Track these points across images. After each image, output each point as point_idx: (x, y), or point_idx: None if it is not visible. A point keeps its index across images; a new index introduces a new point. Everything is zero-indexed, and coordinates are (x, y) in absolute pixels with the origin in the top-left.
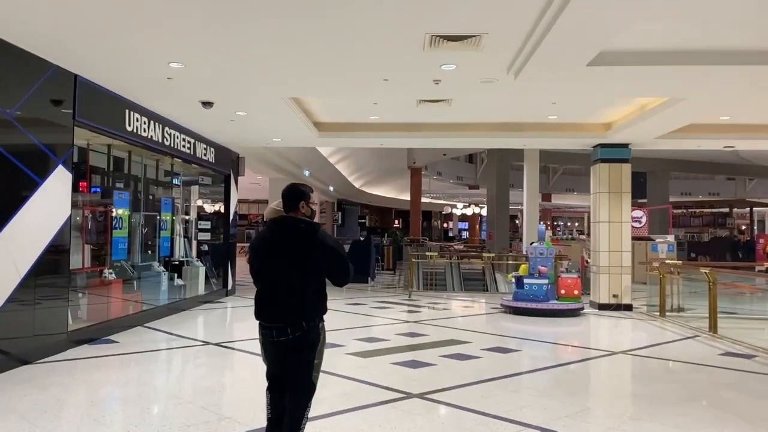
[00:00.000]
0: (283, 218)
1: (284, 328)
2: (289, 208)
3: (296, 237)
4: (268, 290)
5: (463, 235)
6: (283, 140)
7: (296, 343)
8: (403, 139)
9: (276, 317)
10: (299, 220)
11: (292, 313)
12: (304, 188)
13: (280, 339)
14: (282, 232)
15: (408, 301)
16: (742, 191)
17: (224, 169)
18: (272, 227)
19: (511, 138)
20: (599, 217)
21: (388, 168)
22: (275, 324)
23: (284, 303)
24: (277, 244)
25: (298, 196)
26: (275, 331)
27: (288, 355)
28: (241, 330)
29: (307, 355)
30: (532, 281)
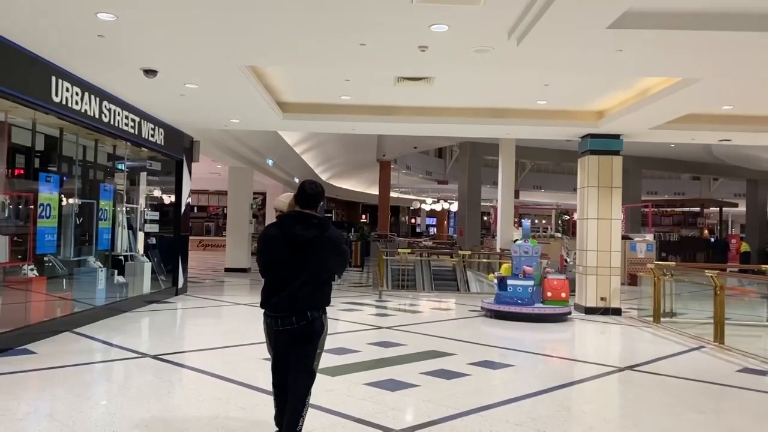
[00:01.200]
0: (300, 213)
1: (289, 317)
2: (309, 206)
3: (311, 232)
4: (278, 281)
5: (431, 231)
6: (243, 122)
7: (301, 333)
8: (378, 124)
9: (283, 307)
10: (313, 216)
11: (299, 303)
12: (322, 189)
13: (284, 328)
14: (298, 226)
15: (378, 302)
16: (707, 191)
17: (176, 153)
18: (287, 221)
19: (494, 125)
20: (587, 214)
21: (356, 160)
22: (281, 313)
23: (292, 294)
24: (292, 237)
25: (319, 197)
26: (280, 320)
27: (292, 343)
28: (190, 338)
29: (310, 345)
30: (516, 282)
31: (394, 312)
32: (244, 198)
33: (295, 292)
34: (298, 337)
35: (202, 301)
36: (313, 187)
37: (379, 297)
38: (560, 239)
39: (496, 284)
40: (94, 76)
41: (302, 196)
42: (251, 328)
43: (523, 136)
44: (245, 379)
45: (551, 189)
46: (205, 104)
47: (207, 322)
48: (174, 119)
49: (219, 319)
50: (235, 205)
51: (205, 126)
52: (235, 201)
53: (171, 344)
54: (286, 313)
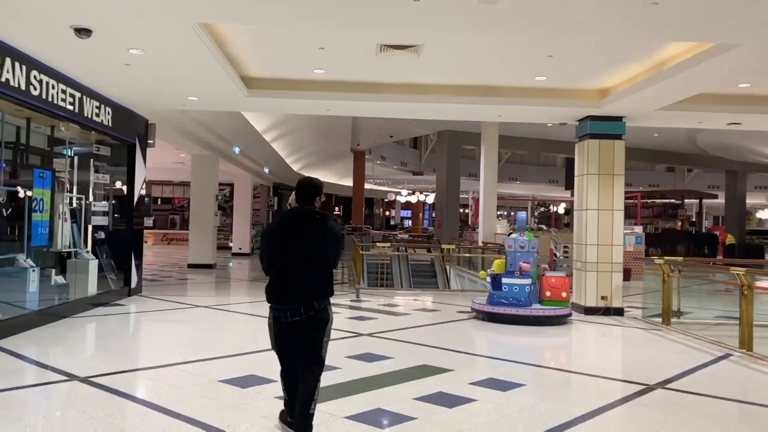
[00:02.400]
0: (301, 209)
1: (297, 309)
2: (306, 201)
3: (313, 226)
4: (285, 274)
5: (405, 224)
6: (202, 100)
7: (309, 323)
8: (356, 103)
9: (291, 299)
10: (314, 211)
11: (307, 294)
12: (320, 183)
13: (293, 319)
14: (301, 222)
15: (356, 303)
16: (681, 183)
17: (127, 137)
18: (291, 217)
19: (485, 105)
20: (586, 204)
21: (330, 150)
22: (289, 306)
23: (300, 285)
24: (295, 232)
25: (315, 191)
26: (289, 312)
27: (300, 334)
28: (134, 352)
29: (318, 334)
30: (511, 281)
31: (374, 314)
32: (208, 188)
33: (302, 284)
34: (306, 327)
35: (158, 302)
36: (309, 182)
37: (356, 296)
38: (548, 232)
39: (488, 283)
40: (15, 38)
41: (299, 192)
42: (213, 336)
43: (515, 119)
44: (201, 413)
45: (527, 181)
46: (155, 77)
47: (159, 330)
48: (122, 96)
49: (175, 325)
50: (199, 196)
51: (159, 105)
52: (199, 191)
53: (108, 361)
54: (295, 305)
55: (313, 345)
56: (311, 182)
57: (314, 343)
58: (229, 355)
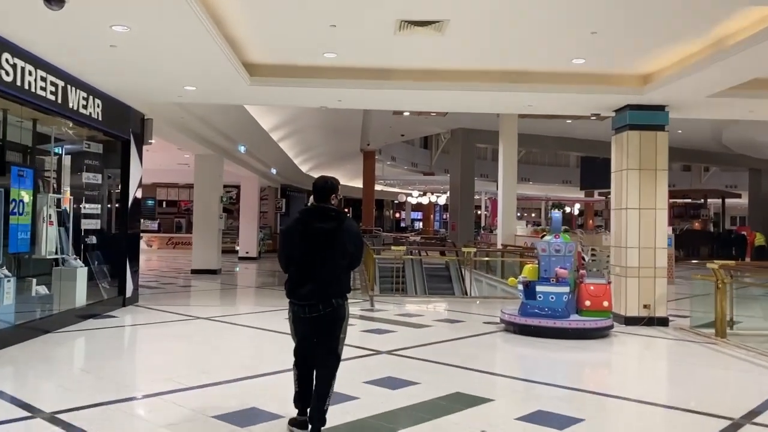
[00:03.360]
0: (317, 207)
1: (316, 305)
2: (321, 199)
3: (329, 224)
4: (303, 271)
5: (416, 226)
6: (200, 90)
7: (327, 319)
8: (370, 92)
9: (310, 295)
10: (330, 209)
11: (325, 291)
12: (335, 182)
13: (312, 315)
14: (317, 220)
15: (370, 312)
16: (698, 182)
17: (120, 132)
18: (307, 215)
19: (514, 93)
20: (626, 203)
21: (339, 150)
22: (308, 302)
23: (318, 282)
24: (312, 229)
25: (330, 189)
26: (308, 308)
27: (318, 329)
28: (120, 376)
29: (335, 330)
30: (547, 289)
31: (391, 326)
32: (213, 190)
33: (320, 281)
34: (324, 323)
35: (155, 314)
36: (324, 181)
37: (370, 304)
38: (574, 233)
39: (521, 291)
40: None
41: (315, 190)
42: (213, 356)
43: (546, 110)
44: None
45: (540, 181)
46: (145, 61)
47: (152, 348)
48: (112, 86)
49: (170, 341)
50: (203, 198)
51: (154, 98)
52: (203, 193)
53: (86, 389)
54: (314, 301)
55: (331, 341)
56: (326, 180)
57: (331, 340)
58: (229, 380)
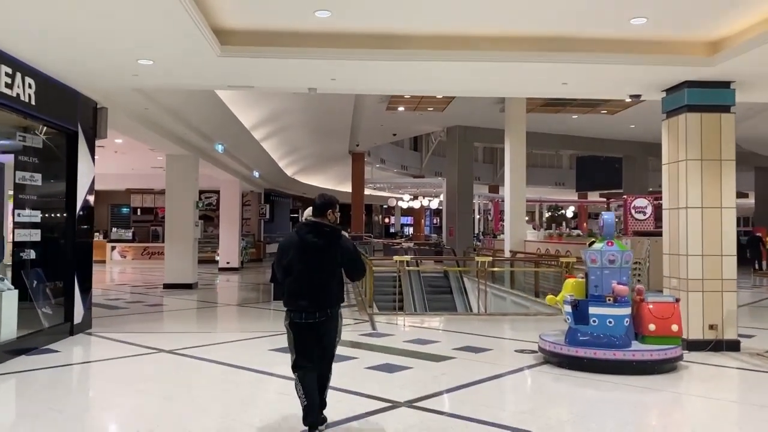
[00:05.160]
0: (314, 223)
1: (313, 313)
2: (319, 214)
3: (323, 239)
4: (301, 282)
5: (406, 231)
6: (159, 65)
7: (323, 325)
8: (373, 65)
9: (307, 305)
10: (325, 225)
11: (320, 300)
12: (333, 199)
13: (308, 321)
14: (314, 235)
15: (375, 339)
16: None
17: (64, 123)
18: (305, 230)
19: (551, 64)
20: (685, 201)
21: (326, 152)
22: (305, 310)
23: (314, 292)
24: (309, 244)
25: (327, 205)
26: (304, 314)
27: (314, 335)
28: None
29: (330, 336)
30: (604, 311)
31: (403, 359)
32: (187, 194)
33: (314, 292)
34: (320, 329)
35: (108, 345)
36: (322, 198)
37: (371, 327)
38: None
39: (568, 313)
40: None
41: (314, 206)
42: (172, 413)
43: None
44: None
45: (532, 183)
46: (85, 23)
47: (91, 401)
48: (48, 61)
49: (120, 387)
50: (176, 203)
51: (103, 76)
52: (176, 198)
53: None
54: (311, 309)
55: (329, 345)
56: (323, 197)
57: (329, 344)
58: None
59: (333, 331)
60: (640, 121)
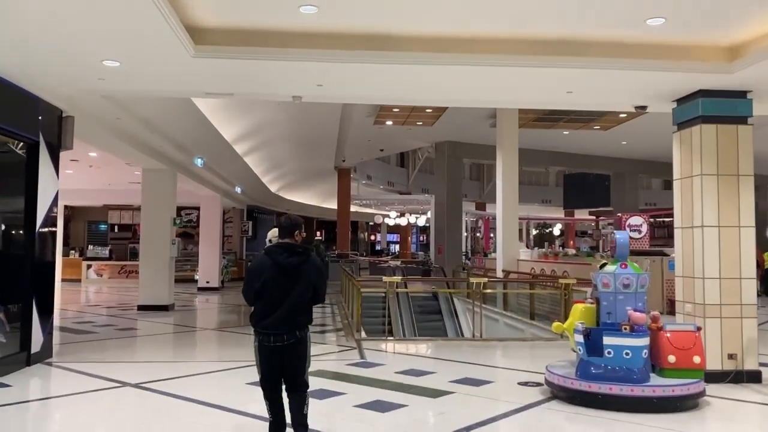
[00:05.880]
0: (285, 244)
1: (281, 335)
2: (286, 236)
3: (296, 259)
4: (270, 303)
5: (392, 249)
6: (126, 66)
7: (291, 349)
8: (364, 68)
9: (276, 325)
10: (297, 245)
11: (289, 323)
12: (299, 219)
13: (276, 344)
14: (283, 255)
15: (364, 370)
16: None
17: (23, 131)
18: (274, 251)
19: (556, 69)
20: (701, 219)
21: (311, 168)
22: (275, 331)
23: (284, 314)
24: (278, 264)
25: (294, 226)
26: (273, 337)
27: (283, 358)
28: None
29: (299, 360)
30: (620, 341)
31: (397, 394)
32: (163, 210)
33: (287, 313)
34: (289, 352)
35: (68, 378)
36: (288, 219)
37: (359, 355)
38: (601, 257)
39: (579, 344)
40: None
41: (281, 228)
42: None
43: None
44: None
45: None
46: (36, 10)
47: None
48: (2, 62)
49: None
50: (152, 220)
51: (65, 79)
52: (152, 214)
53: None
54: (279, 331)
55: (296, 369)
56: (290, 219)
57: (297, 368)
58: None
59: (302, 358)
60: (632, 137)
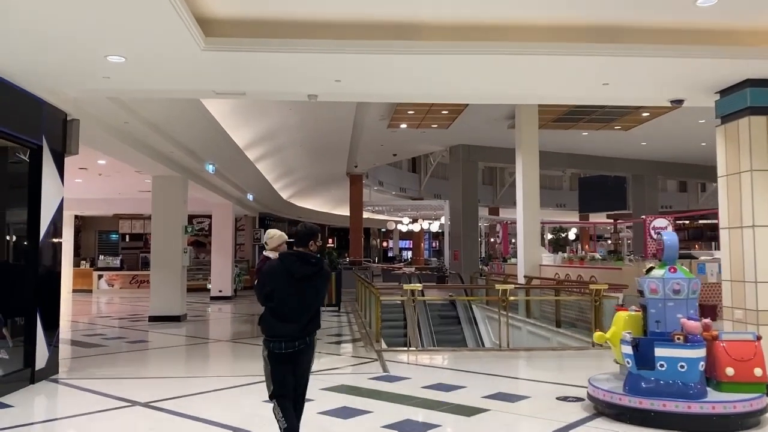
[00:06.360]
0: (300, 253)
1: (293, 341)
2: (303, 244)
3: (310, 268)
4: (282, 310)
5: (404, 256)
6: (133, 61)
7: (301, 353)
8: (386, 60)
9: (288, 333)
10: (311, 255)
11: (301, 329)
12: (315, 228)
13: (287, 351)
14: (300, 265)
15: (388, 385)
16: (695, 203)
17: (25, 135)
18: (289, 259)
19: (593, 57)
20: (751, 218)
21: (323, 174)
22: (285, 338)
23: (295, 322)
24: (294, 272)
25: (311, 235)
26: (284, 343)
27: (292, 363)
28: None
29: (307, 364)
30: (671, 352)
31: (427, 412)
32: (175, 218)
33: (298, 320)
34: (298, 357)
35: (75, 397)
36: (304, 227)
37: (381, 368)
38: (630, 261)
39: (628, 356)
40: None
41: (297, 236)
42: None
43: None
44: None
45: None
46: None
47: None
48: (2, 60)
49: None
50: (163, 229)
51: (67, 78)
52: (163, 222)
53: None
54: (290, 337)
55: (306, 373)
56: (306, 227)
57: (306, 372)
58: None
59: (309, 362)
60: (653, 138)
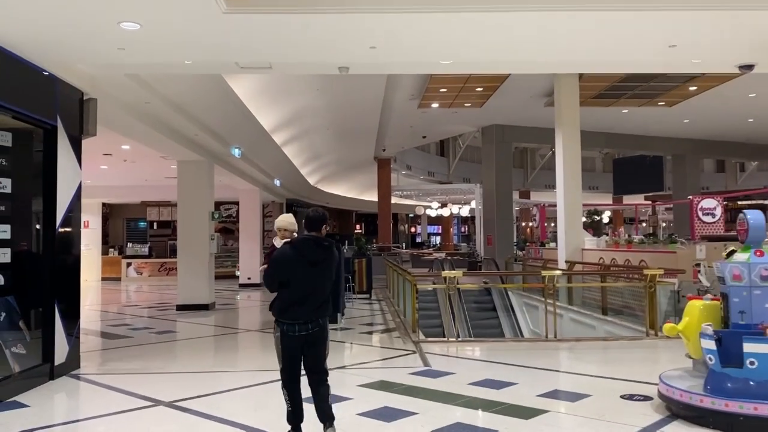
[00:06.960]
0: (313, 237)
1: (306, 324)
2: (314, 229)
3: (324, 253)
4: (295, 295)
5: (433, 241)
6: (148, 28)
7: (314, 337)
8: (428, 17)
9: (301, 316)
10: (324, 239)
11: (315, 312)
12: (326, 214)
13: (301, 333)
14: (314, 249)
15: (430, 381)
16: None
17: (38, 115)
18: (303, 244)
19: (666, 10)
20: None
21: (350, 158)
22: (299, 321)
23: (310, 305)
24: (307, 257)
25: (323, 220)
26: (298, 326)
27: (306, 347)
28: None
29: (321, 348)
30: (764, 348)
31: (480, 417)
32: (201, 204)
33: (312, 303)
34: (312, 340)
35: (95, 395)
36: (316, 212)
37: (422, 361)
38: (682, 244)
39: (710, 352)
40: None
41: (309, 221)
42: None
43: (687, 58)
44: None
45: None
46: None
47: None
48: (6, 30)
49: None
50: (189, 215)
51: (79, 50)
52: (189, 209)
53: None
54: (304, 320)
55: (318, 357)
56: (317, 212)
57: (318, 356)
58: None
59: (323, 342)
60: (697, 115)
